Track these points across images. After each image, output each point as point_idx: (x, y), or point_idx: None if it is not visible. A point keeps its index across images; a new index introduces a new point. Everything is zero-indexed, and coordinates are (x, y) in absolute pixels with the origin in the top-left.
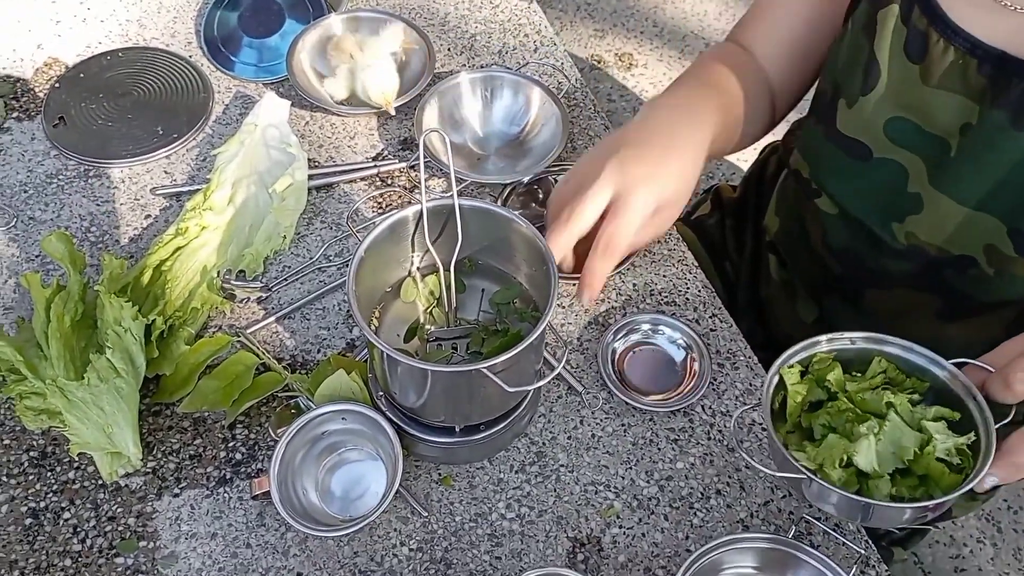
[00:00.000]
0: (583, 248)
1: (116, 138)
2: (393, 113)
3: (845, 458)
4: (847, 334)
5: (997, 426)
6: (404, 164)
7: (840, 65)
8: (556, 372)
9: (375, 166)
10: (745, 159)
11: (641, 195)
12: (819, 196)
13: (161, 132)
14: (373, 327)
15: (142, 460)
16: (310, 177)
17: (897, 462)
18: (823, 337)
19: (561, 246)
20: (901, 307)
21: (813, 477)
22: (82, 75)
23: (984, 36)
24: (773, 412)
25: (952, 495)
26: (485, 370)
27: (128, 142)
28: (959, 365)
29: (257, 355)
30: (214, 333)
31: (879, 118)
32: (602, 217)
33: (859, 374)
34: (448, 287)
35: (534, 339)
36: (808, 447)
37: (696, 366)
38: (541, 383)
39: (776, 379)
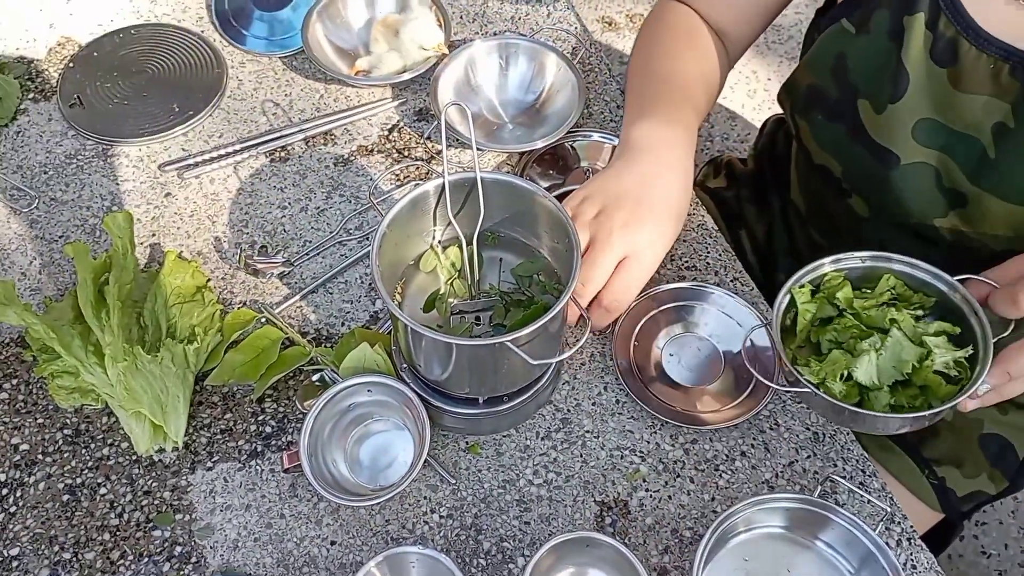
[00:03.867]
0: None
1: (132, 117)
2: (448, 53)
3: (846, 372)
4: (855, 253)
5: (995, 339)
6: (420, 135)
7: (860, 69)
8: (580, 344)
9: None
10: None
11: (649, 257)
12: (850, 197)
13: (177, 109)
14: (396, 301)
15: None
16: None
17: (897, 375)
18: (827, 259)
19: (575, 310)
20: None
21: (816, 391)
22: (96, 54)
23: (1015, 41)
24: (785, 329)
25: (947, 405)
26: (509, 343)
27: (145, 120)
28: (963, 281)
29: (282, 330)
30: (238, 308)
31: (908, 122)
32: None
33: (869, 291)
34: (471, 259)
35: (557, 311)
36: (812, 362)
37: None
38: (564, 356)
39: (787, 298)
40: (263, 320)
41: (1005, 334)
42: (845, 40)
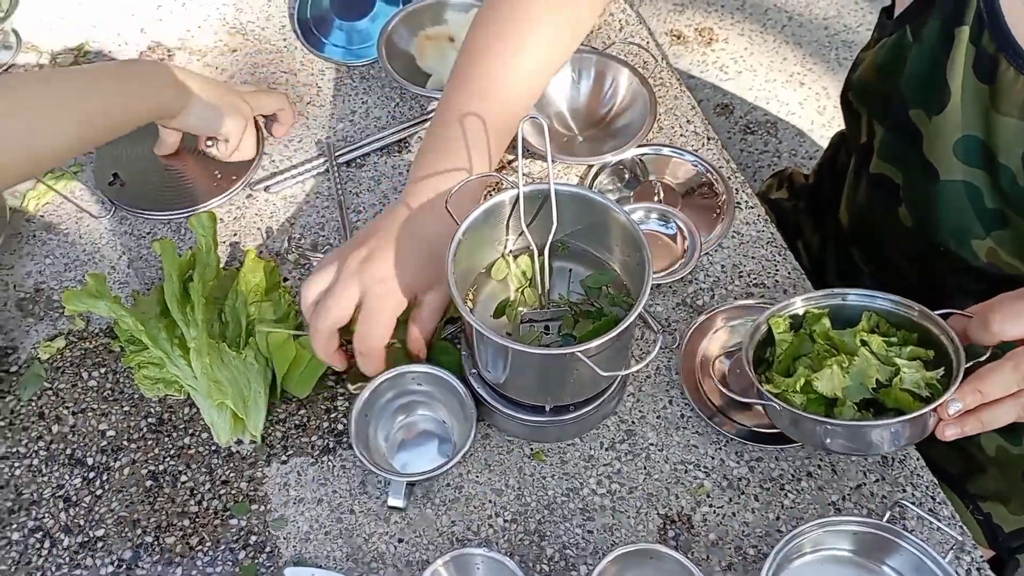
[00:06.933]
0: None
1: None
2: None
3: (804, 381)
4: (825, 291)
5: (970, 364)
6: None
7: (911, 79)
8: (650, 359)
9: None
10: (814, 152)
11: (381, 290)
12: (900, 205)
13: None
14: (468, 307)
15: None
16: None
17: (865, 392)
18: (799, 297)
19: (320, 338)
20: None
21: (772, 399)
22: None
23: None
24: (767, 362)
25: (909, 415)
26: (580, 353)
27: None
28: (945, 316)
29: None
30: None
31: (950, 138)
32: None
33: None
34: (541, 269)
35: (629, 324)
36: (776, 378)
37: None
38: (633, 369)
39: (765, 327)
40: None
41: (981, 359)
42: (906, 47)
